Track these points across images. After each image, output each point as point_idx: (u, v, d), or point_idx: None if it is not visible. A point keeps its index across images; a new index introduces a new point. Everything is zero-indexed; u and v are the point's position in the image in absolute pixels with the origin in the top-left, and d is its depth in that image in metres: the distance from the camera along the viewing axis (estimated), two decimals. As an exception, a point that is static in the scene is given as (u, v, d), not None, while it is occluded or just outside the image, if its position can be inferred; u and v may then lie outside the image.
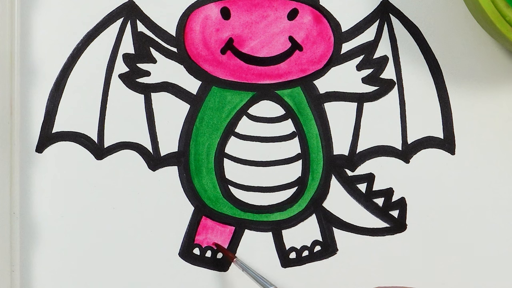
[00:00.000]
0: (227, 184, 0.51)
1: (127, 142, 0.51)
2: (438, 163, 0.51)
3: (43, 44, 0.51)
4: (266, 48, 0.51)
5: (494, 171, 0.51)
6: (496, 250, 0.51)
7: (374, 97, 0.51)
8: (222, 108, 0.51)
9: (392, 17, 0.51)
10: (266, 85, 0.51)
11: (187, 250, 0.51)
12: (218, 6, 0.51)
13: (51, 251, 0.51)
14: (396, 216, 0.51)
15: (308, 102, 0.51)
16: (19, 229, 0.50)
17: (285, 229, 0.51)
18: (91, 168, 0.51)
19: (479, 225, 0.51)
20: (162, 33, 0.51)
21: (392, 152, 0.51)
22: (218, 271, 0.51)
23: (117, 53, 0.51)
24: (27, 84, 0.51)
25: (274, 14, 0.51)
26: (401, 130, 0.51)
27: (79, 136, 0.51)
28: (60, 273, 0.51)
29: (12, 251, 0.50)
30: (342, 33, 0.51)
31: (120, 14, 0.51)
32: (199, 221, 0.51)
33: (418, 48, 0.51)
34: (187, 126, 0.51)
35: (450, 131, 0.51)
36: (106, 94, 0.51)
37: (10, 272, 0.50)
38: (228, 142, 0.51)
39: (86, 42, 0.51)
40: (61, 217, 0.51)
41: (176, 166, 0.51)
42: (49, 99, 0.51)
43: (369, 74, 0.51)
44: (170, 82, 0.51)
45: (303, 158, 0.51)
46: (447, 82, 0.51)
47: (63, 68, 0.51)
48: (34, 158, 0.51)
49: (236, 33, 0.51)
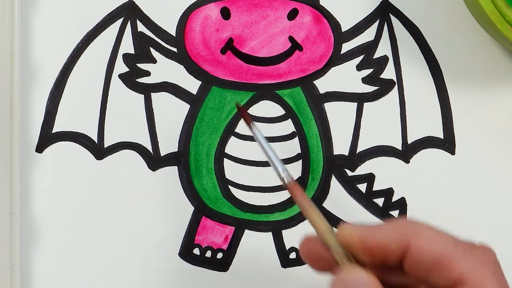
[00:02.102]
0: (227, 184, 0.51)
1: (127, 142, 0.51)
2: (438, 163, 0.51)
3: (43, 44, 0.51)
4: (266, 48, 0.51)
5: (494, 171, 0.51)
6: (496, 250, 0.51)
7: (374, 97, 0.51)
8: (222, 108, 0.51)
9: (392, 17, 0.51)
10: (266, 85, 0.51)
11: (187, 250, 0.51)
12: (218, 6, 0.51)
13: (51, 251, 0.51)
14: (396, 216, 0.51)
15: (308, 102, 0.51)
16: (19, 229, 0.50)
17: (285, 229, 0.51)
18: (91, 168, 0.51)
19: (479, 225, 0.51)
20: (162, 33, 0.51)
21: (392, 152, 0.51)
22: (218, 271, 0.51)
23: (117, 53, 0.51)
24: (27, 84, 0.51)
25: (274, 14, 0.51)
26: (401, 130, 0.51)
27: (79, 136, 0.51)
28: (60, 273, 0.51)
29: (12, 251, 0.50)
30: (342, 33, 0.51)
31: (120, 14, 0.51)
32: (199, 221, 0.51)
33: (418, 48, 0.51)
34: (187, 126, 0.51)
35: (450, 131, 0.51)
36: (106, 94, 0.51)
37: (10, 272, 0.50)
38: (228, 142, 0.51)
39: (86, 42, 0.51)
40: (61, 217, 0.51)
41: (176, 166, 0.51)
42: (49, 99, 0.51)
43: (369, 74, 0.51)
44: (170, 82, 0.51)
45: (303, 158, 0.51)
46: (447, 82, 0.51)
47: (63, 68, 0.51)
48: (34, 158, 0.51)
49: (236, 33, 0.51)
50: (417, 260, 0.36)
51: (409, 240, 0.36)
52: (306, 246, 0.39)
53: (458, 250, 0.36)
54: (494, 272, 0.36)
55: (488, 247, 0.37)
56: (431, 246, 0.36)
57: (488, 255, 0.37)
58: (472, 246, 0.36)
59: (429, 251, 0.36)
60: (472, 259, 0.36)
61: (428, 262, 0.36)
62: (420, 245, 0.36)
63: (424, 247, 0.36)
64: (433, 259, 0.36)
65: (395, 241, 0.36)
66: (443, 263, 0.35)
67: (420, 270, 0.36)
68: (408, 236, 0.36)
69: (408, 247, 0.36)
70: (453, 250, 0.36)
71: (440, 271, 0.36)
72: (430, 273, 0.36)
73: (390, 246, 0.36)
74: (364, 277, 0.36)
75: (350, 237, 0.37)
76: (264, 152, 0.41)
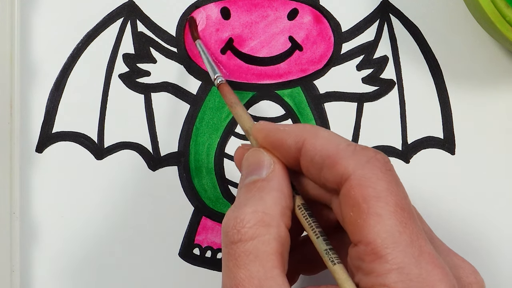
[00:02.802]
0: (227, 184, 0.51)
1: (127, 142, 0.51)
2: (438, 163, 0.51)
3: (43, 44, 0.51)
4: (266, 48, 0.51)
5: (494, 171, 0.51)
6: (496, 250, 0.51)
7: (374, 97, 0.51)
8: (222, 108, 0.51)
9: (392, 17, 0.51)
10: (266, 85, 0.51)
11: (187, 250, 0.51)
12: (218, 6, 0.51)
13: (51, 251, 0.51)
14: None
15: (308, 102, 0.51)
16: (19, 229, 0.50)
17: (285, 229, 0.51)
18: (91, 168, 0.51)
19: (479, 225, 0.51)
20: (162, 33, 0.51)
21: (392, 152, 0.51)
22: (218, 271, 0.51)
23: (117, 53, 0.51)
24: (27, 84, 0.51)
25: (274, 14, 0.51)
26: (401, 130, 0.51)
27: (79, 136, 0.51)
28: (60, 273, 0.51)
29: (12, 251, 0.50)
30: (342, 33, 0.51)
31: (120, 14, 0.51)
32: (199, 221, 0.51)
33: (418, 48, 0.51)
34: (187, 126, 0.51)
35: (450, 131, 0.51)
36: (106, 94, 0.51)
37: (10, 272, 0.50)
38: (228, 142, 0.51)
39: (86, 42, 0.51)
40: (61, 217, 0.51)
41: (176, 166, 0.51)
42: (49, 99, 0.51)
43: (369, 74, 0.51)
44: (170, 82, 0.51)
45: (303, 158, 0.51)
46: (447, 82, 0.51)
47: (63, 68, 0.51)
48: (34, 158, 0.51)
49: (236, 33, 0.51)
50: (310, 157, 0.38)
51: (305, 138, 0.38)
52: (238, 153, 0.43)
53: (348, 149, 0.37)
54: (381, 169, 0.36)
55: (381, 153, 0.38)
56: (323, 144, 0.37)
57: (377, 154, 0.37)
58: (364, 147, 0.38)
59: (320, 148, 0.37)
60: (360, 156, 0.37)
61: (320, 159, 0.37)
62: (313, 143, 0.38)
63: (316, 145, 0.38)
64: (325, 156, 0.37)
65: (292, 138, 0.39)
66: (333, 160, 0.37)
67: (313, 168, 0.38)
68: (305, 135, 0.38)
69: (303, 145, 0.38)
70: (343, 148, 0.37)
71: (330, 167, 0.37)
72: (322, 171, 0.37)
73: (287, 142, 0.39)
74: (265, 155, 0.40)
75: (258, 132, 0.41)
76: (204, 59, 0.49)
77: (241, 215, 0.36)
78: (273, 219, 0.37)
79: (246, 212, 0.36)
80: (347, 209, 0.36)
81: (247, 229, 0.36)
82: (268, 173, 0.39)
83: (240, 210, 0.37)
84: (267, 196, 0.38)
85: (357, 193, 0.35)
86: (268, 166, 0.39)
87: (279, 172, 0.39)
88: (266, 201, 0.37)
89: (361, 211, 0.35)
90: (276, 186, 0.38)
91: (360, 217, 0.35)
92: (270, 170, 0.39)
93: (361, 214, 0.35)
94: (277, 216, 0.37)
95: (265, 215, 0.36)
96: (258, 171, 0.39)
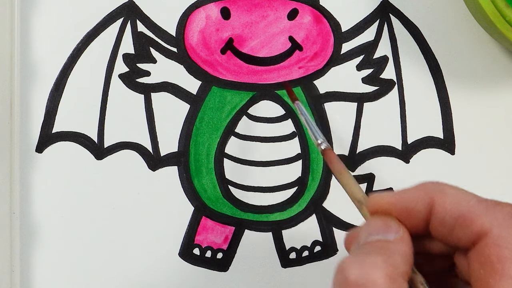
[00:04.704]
0: (227, 184, 0.51)
1: (127, 142, 0.51)
2: (438, 163, 0.51)
3: (43, 44, 0.51)
4: (266, 48, 0.51)
5: (494, 171, 0.51)
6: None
7: (374, 97, 0.51)
8: (222, 108, 0.51)
9: (392, 17, 0.51)
10: (266, 85, 0.51)
11: (187, 250, 0.51)
12: (218, 6, 0.51)
13: (51, 251, 0.51)
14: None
15: (308, 102, 0.51)
16: (19, 229, 0.50)
17: (285, 229, 0.51)
18: (91, 168, 0.51)
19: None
20: (162, 33, 0.51)
21: (392, 152, 0.51)
22: (218, 271, 0.51)
23: (117, 53, 0.51)
24: (27, 84, 0.51)
25: (274, 14, 0.51)
26: (401, 130, 0.51)
27: (79, 136, 0.51)
28: (60, 273, 0.51)
29: (12, 251, 0.50)
30: (342, 33, 0.51)
31: (120, 14, 0.51)
32: (199, 221, 0.51)
33: (418, 48, 0.51)
34: (187, 126, 0.51)
35: (450, 131, 0.51)
36: (106, 94, 0.51)
37: (10, 272, 0.50)
38: (228, 142, 0.51)
39: (86, 42, 0.51)
40: (61, 217, 0.51)
41: (176, 166, 0.51)
42: (49, 99, 0.51)
43: (369, 74, 0.51)
44: (170, 82, 0.51)
45: (303, 158, 0.51)
46: (447, 82, 0.51)
47: (63, 68, 0.51)
48: (34, 158, 0.51)
49: (236, 33, 0.51)
50: (441, 218, 0.36)
51: (434, 198, 0.36)
52: (351, 234, 0.40)
53: (481, 205, 0.36)
54: None
55: None
56: (454, 203, 0.36)
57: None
58: (497, 203, 0.36)
59: (452, 207, 0.36)
60: (495, 213, 0.35)
61: (452, 219, 0.36)
62: (444, 202, 0.36)
63: (447, 204, 0.36)
64: (456, 215, 0.36)
65: (421, 200, 0.37)
66: (466, 218, 0.35)
67: (444, 229, 0.36)
68: (433, 195, 0.37)
69: (433, 205, 0.36)
70: (475, 205, 0.36)
71: (463, 226, 0.35)
72: (454, 231, 0.36)
73: (417, 206, 0.37)
74: (391, 221, 0.37)
75: (379, 205, 0.38)
76: (305, 122, 0.45)
77: (372, 277, 0.34)
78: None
79: (378, 276, 0.34)
80: (477, 265, 0.35)
81: None
82: (396, 238, 0.36)
83: (370, 271, 0.34)
84: (398, 260, 0.35)
85: (492, 253, 0.34)
86: (396, 231, 0.37)
87: (407, 239, 0.37)
88: (397, 267, 0.35)
89: (495, 272, 0.34)
90: (403, 251, 0.36)
91: (493, 277, 0.34)
92: (398, 236, 0.37)
93: (494, 274, 0.34)
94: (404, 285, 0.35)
95: (395, 282, 0.34)
96: (383, 234, 0.37)
